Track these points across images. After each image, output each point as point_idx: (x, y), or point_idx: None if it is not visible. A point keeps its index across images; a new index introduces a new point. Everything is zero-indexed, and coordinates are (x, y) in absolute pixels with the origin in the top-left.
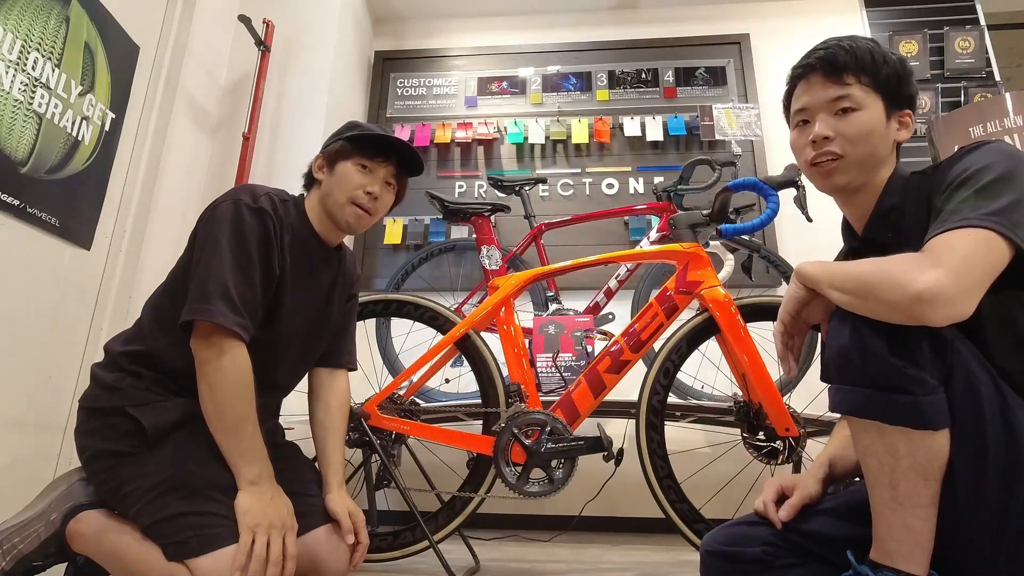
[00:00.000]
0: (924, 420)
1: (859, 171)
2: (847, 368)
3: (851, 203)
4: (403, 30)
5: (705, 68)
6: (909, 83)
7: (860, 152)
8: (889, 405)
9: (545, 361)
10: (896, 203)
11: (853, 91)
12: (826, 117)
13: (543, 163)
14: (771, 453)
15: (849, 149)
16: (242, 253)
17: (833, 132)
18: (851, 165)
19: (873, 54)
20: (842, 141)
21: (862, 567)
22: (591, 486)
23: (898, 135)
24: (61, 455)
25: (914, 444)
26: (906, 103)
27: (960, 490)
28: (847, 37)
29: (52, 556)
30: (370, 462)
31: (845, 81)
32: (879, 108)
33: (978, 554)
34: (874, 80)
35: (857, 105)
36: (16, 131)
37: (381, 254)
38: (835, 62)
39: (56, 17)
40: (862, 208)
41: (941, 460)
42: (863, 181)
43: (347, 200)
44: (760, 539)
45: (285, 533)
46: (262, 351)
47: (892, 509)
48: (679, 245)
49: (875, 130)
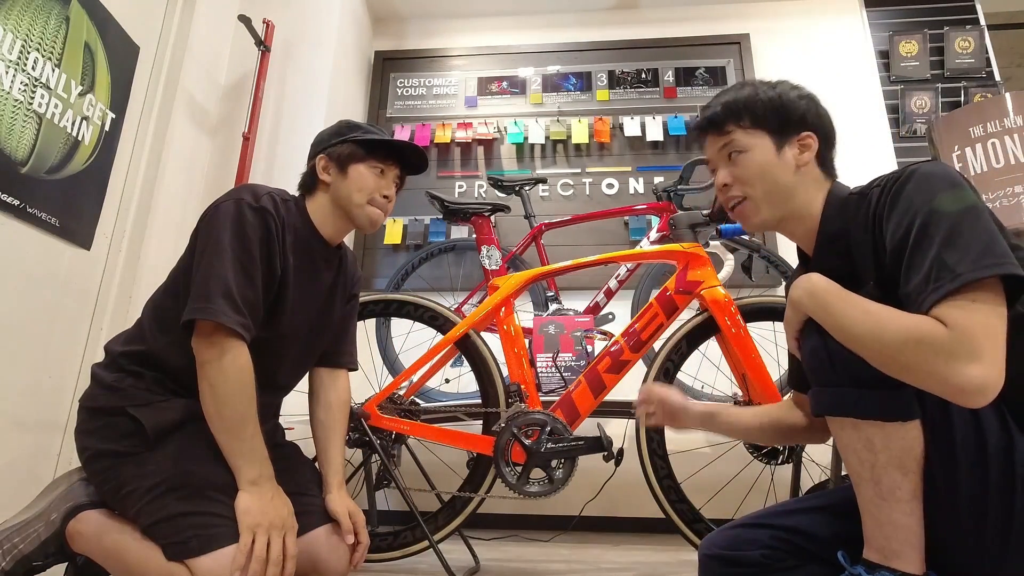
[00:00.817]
0: (893, 412)
1: (769, 205)
2: (819, 369)
3: (788, 233)
4: (403, 30)
5: (705, 68)
6: (792, 107)
7: (760, 189)
8: (859, 400)
9: (545, 361)
10: (839, 229)
11: (735, 137)
12: (723, 167)
13: (543, 163)
14: (771, 453)
15: (748, 189)
16: (244, 252)
17: (730, 178)
18: (758, 202)
19: (746, 98)
20: (739, 184)
21: (855, 568)
22: (591, 486)
23: (800, 158)
24: (61, 455)
25: (888, 437)
26: (797, 127)
27: (939, 484)
28: (732, 88)
29: (52, 556)
30: (370, 462)
31: (726, 131)
32: (766, 143)
33: (968, 551)
34: (752, 119)
35: (742, 148)
36: (16, 131)
37: (381, 254)
38: (714, 119)
39: (56, 17)
40: (801, 234)
41: (916, 452)
42: (781, 213)
43: (366, 202)
44: (759, 542)
45: (285, 533)
46: (263, 351)
47: (877, 505)
48: (679, 245)
49: (766, 164)
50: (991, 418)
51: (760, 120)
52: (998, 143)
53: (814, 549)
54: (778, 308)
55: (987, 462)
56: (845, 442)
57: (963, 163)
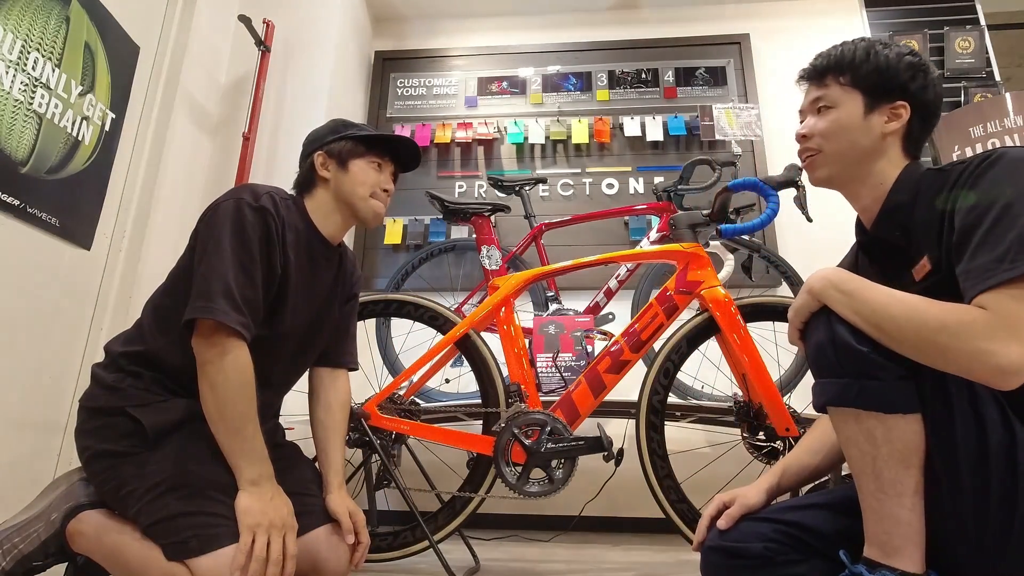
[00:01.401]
0: (893, 404)
1: (839, 164)
2: (823, 361)
3: (852, 196)
4: (403, 30)
5: (705, 68)
6: (896, 74)
7: (835, 146)
8: (861, 391)
9: (545, 361)
10: (904, 201)
11: (830, 91)
12: (809, 117)
13: (543, 163)
14: (771, 453)
15: (824, 144)
16: (244, 252)
17: (810, 130)
18: (829, 158)
19: (856, 52)
20: (818, 137)
21: (857, 567)
22: (591, 486)
23: (886, 127)
24: (61, 455)
25: (889, 429)
26: (897, 94)
27: (941, 479)
28: (850, 41)
29: (52, 556)
30: (370, 462)
31: (824, 83)
32: (856, 103)
33: (969, 546)
34: (853, 77)
35: (832, 103)
36: (16, 131)
37: (381, 254)
38: (817, 67)
39: (56, 17)
40: (866, 202)
41: (917, 445)
42: (850, 174)
43: (368, 195)
44: (762, 535)
45: (285, 533)
46: (263, 349)
47: (878, 499)
48: (679, 245)
49: (849, 124)
50: (993, 412)
51: (859, 79)
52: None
53: (816, 544)
54: (778, 308)
55: (989, 456)
56: (847, 434)
57: None
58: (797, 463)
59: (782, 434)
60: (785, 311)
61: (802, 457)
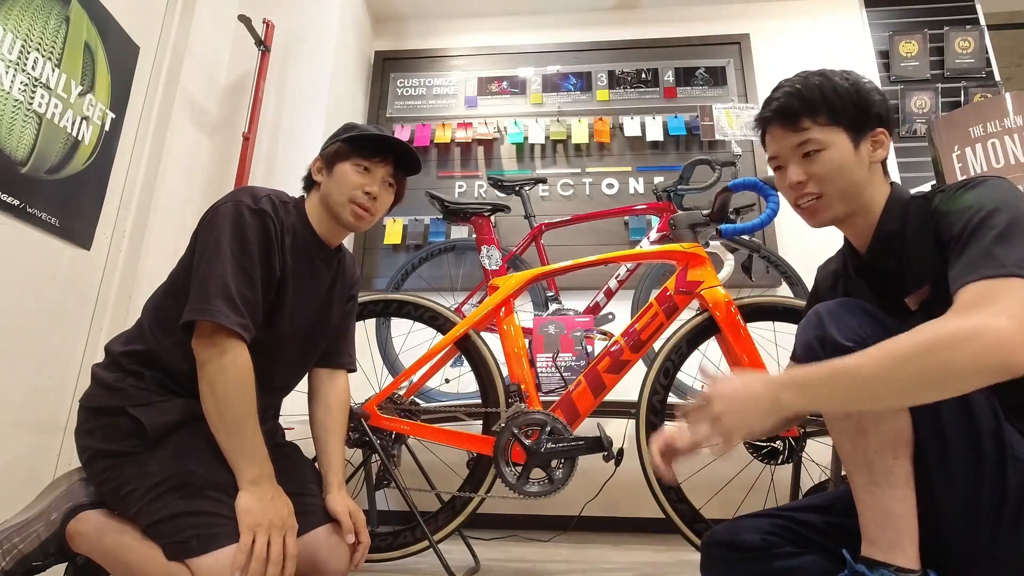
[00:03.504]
0: None
1: (842, 202)
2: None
3: (849, 227)
4: (403, 30)
5: (705, 68)
6: (869, 103)
7: (837, 186)
8: None
9: (545, 361)
10: (896, 229)
11: (812, 134)
12: (796, 163)
13: (543, 163)
14: (771, 453)
15: (825, 187)
16: (243, 254)
17: (805, 176)
18: (832, 200)
19: (823, 90)
20: (816, 181)
21: (858, 566)
22: (591, 486)
23: (874, 156)
24: (61, 455)
25: (878, 419)
26: (873, 122)
27: (933, 475)
28: (798, 78)
29: (52, 556)
30: (370, 462)
31: (802, 127)
32: (843, 140)
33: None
34: (831, 116)
35: (820, 146)
36: (16, 131)
37: (381, 254)
38: (788, 111)
39: (56, 17)
40: (858, 230)
41: (906, 436)
42: (850, 209)
43: (346, 200)
44: (760, 528)
45: (285, 533)
46: (262, 351)
47: (871, 492)
48: (679, 245)
49: (845, 162)
50: (980, 403)
51: (838, 115)
52: (998, 143)
53: (814, 539)
54: (778, 308)
55: (979, 443)
56: (838, 429)
57: (963, 163)
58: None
59: (782, 434)
60: (785, 311)
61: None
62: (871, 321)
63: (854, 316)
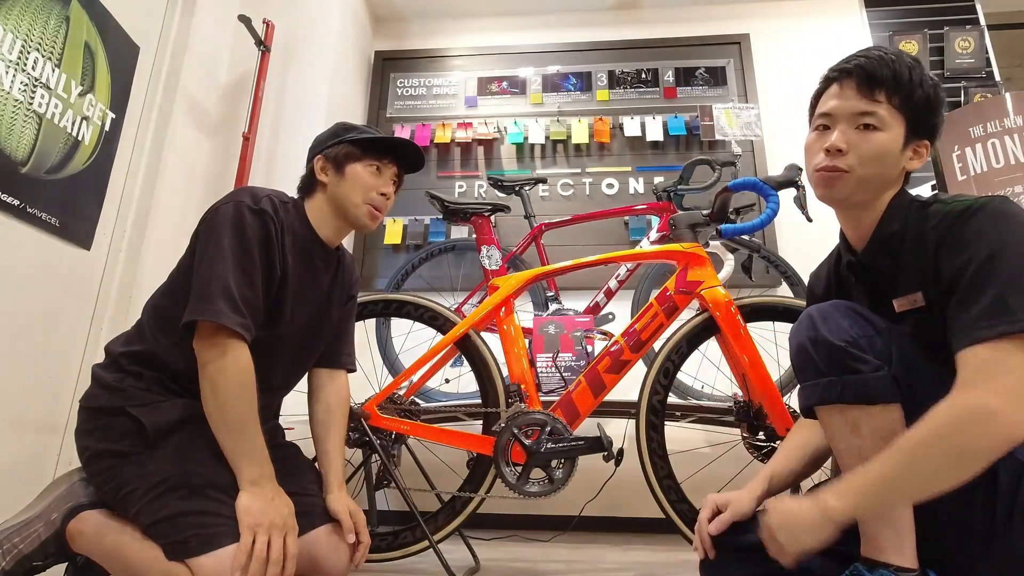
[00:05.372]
0: (874, 394)
1: (861, 189)
2: (806, 363)
3: (850, 217)
4: (403, 30)
5: (705, 68)
6: (937, 112)
7: (868, 171)
8: (844, 386)
9: (545, 361)
10: (896, 231)
11: (880, 109)
12: (847, 129)
13: (543, 163)
14: (771, 453)
15: (858, 166)
16: (244, 254)
17: (849, 146)
18: (855, 182)
19: (912, 73)
20: (854, 156)
21: (858, 566)
22: (591, 486)
23: (910, 163)
24: (61, 455)
25: (872, 417)
26: (927, 133)
27: None
28: (894, 49)
29: (52, 556)
30: (370, 462)
31: (876, 98)
32: (900, 132)
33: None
34: (904, 102)
35: (880, 125)
36: (16, 131)
37: (381, 254)
38: (873, 75)
39: (56, 17)
40: (860, 224)
41: (898, 429)
42: (863, 201)
43: (362, 201)
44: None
45: (286, 533)
46: (262, 351)
47: None
48: (679, 245)
49: (889, 153)
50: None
51: (909, 105)
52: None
53: None
54: (778, 308)
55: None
56: (834, 429)
57: (963, 163)
58: (785, 468)
59: (782, 434)
60: (785, 311)
61: (788, 462)
62: (862, 321)
63: (845, 317)
